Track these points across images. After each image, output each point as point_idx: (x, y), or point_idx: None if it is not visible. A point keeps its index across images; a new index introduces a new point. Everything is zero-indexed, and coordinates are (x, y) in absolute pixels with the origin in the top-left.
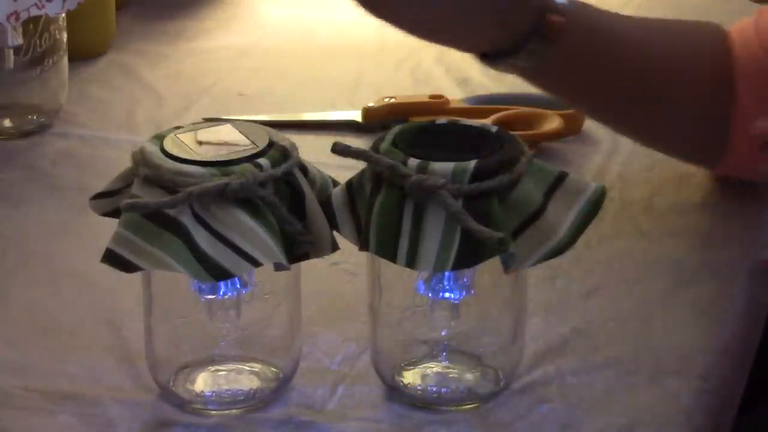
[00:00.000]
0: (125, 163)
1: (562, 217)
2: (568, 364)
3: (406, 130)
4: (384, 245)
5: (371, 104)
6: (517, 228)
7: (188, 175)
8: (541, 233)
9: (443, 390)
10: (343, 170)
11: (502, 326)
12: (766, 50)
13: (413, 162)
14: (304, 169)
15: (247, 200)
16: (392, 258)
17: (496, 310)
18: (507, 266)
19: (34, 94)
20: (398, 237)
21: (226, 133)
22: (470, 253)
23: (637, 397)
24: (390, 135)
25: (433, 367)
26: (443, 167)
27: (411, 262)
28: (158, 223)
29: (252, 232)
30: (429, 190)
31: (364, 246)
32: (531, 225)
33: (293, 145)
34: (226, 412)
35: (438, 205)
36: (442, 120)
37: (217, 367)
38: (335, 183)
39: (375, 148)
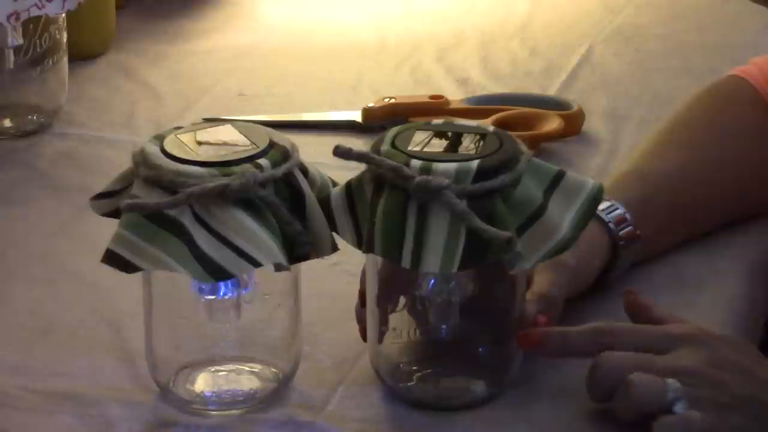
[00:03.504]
0: (125, 163)
1: (562, 214)
2: (568, 364)
3: (404, 131)
4: (389, 247)
5: (371, 104)
6: (519, 227)
7: (188, 175)
8: (542, 231)
9: (441, 391)
10: (343, 171)
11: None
12: None
13: (416, 163)
14: (304, 169)
15: (247, 201)
16: (397, 260)
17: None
18: (512, 265)
19: (33, 94)
20: (402, 239)
21: (226, 133)
22: (476, 254)
23: None
24: (388, 136)
25: (430, 369)
26: (446, 168)
27: (416, 264)
28: (158, 223)
29: (252, 232)
30: (434, 190)
31: (369, 248)
32: (533, 223)
33: (293, 145)
34: (226, 412)
35: (442, 206)
36: (437, 121)
37: (217, 368)
38: (335, 184)
39: (375, 149)
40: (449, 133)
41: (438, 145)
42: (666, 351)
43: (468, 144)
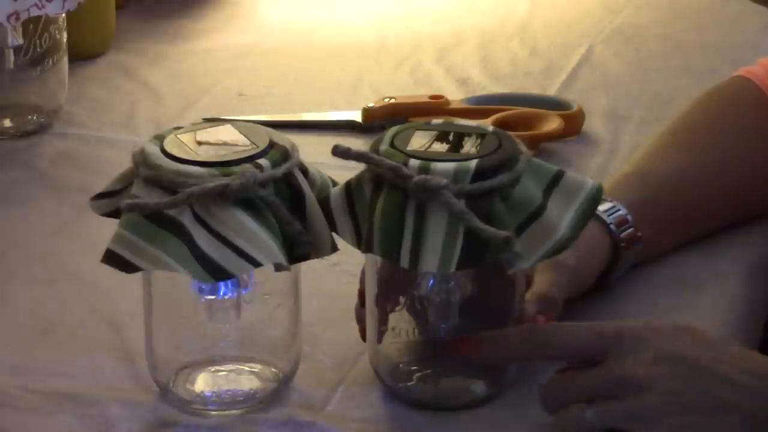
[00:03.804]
0: (125, 163)
1: (561, 214)
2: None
3: (403, 131)
4: (387, 247)
5: (371, 104)
6: (518, 226)
7: (188, 175)
8: (542, 231)
9: (441, 391)
10: (343, 171)
11: None
12: None
13: (414, 163)
14: (304, 169)
15: (247, 201)
16: (395, 260)
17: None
18: (511, 265)
19: (33, 94)
20: (401, 238)
21: (226, 133)
22: (474, 253)
23: None
24: (388, 136)
25: (430, 369)
26: (445, 167)
27: (414, 264)
28: (158, 223)
29: (252, 232)
30: (432, 190)
31: (368, 248)
32: (532, 223)
33: (293, 145)
34: (226, 412)
35: (440, 206)
36: (437, 120)
37: (217, 368)
38: (335, 183)
39: (374, 149)
40: (449, 136)
41: (438, 145)
42: (599, 356)
43: (467, 144)
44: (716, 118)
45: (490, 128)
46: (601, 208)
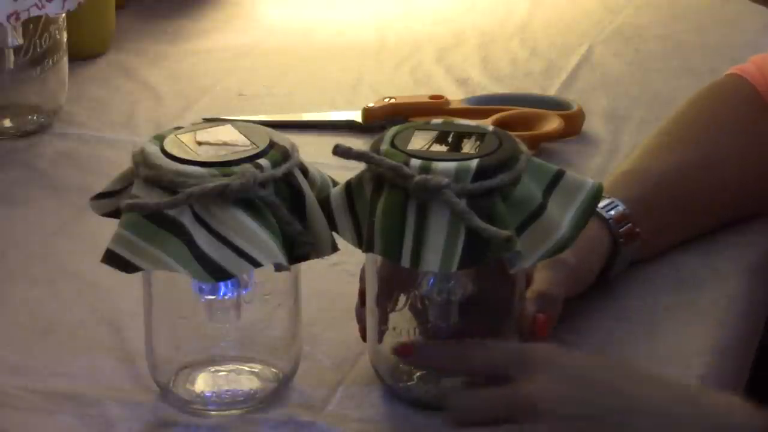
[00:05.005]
0: (125, 163)
1: (561, 214)
2: None
3: (403, 131)
4: (388, 246)
5: (371, 104)
6: (518, 226)
7: (188, 175)
8: (542, 231)
9: (441, 390)
10: (343, 170)
11: None
12: None
13: (415, 162)
14: (304, 169)
15: (247, 201)
16: (397, 259)
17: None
18: (512, 264)
19: (33, 94)
20: (402, 238)
21: (226, 133)
22: (476, 253)
23: None
24: (388, 136)
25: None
26: (446, 167)
27: (415, 263)
28: (158, 223)
29: (252, 232)
30: (433, 190)
31: (369, 247)
32: (533, 223)
33: (293, 145)
34: (226, 412)
35: (442, 205)
36: (437, 120)
37: (217, 368)
38: (335, 183)
39: (375, 149)
40: (449, 138)
41: (437, 145)
42: (516, 374)
43: (467, 144)
44: (710, 115)
45: (490, 128)
46: (600, 204)
